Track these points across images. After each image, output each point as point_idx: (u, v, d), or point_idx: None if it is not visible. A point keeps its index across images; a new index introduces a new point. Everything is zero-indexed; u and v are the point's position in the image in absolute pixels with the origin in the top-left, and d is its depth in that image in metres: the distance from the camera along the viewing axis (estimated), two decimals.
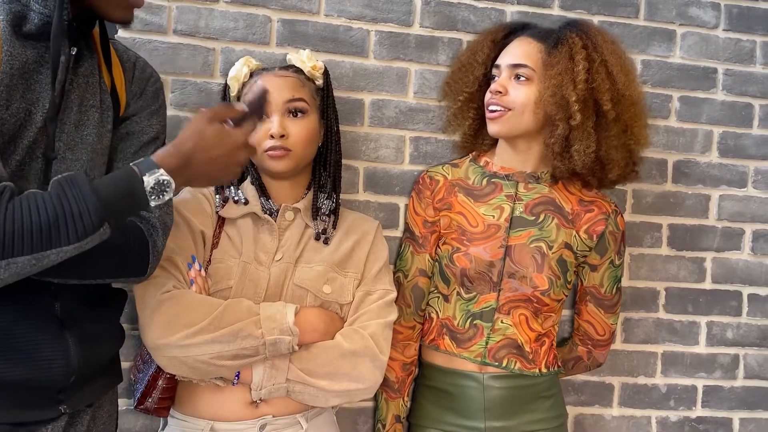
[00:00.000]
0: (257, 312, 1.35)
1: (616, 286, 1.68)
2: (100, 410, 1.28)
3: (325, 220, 1.51)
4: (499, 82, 1.56)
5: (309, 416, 1.46)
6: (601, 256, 1.63)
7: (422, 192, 1.66)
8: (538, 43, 1.55)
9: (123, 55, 1.29)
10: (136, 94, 1.28)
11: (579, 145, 1.51)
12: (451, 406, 1.60)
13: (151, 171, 1.05)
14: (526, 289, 1.56)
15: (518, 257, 1.57)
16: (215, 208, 1.49)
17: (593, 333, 1.70)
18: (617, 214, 1.63)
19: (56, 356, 1.13)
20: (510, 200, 1.60)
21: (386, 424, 1.66)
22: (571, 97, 1.49)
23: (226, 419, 1.40)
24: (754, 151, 1.93)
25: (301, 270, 1.45)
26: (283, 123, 1.44)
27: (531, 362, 1.59)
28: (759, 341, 1.95)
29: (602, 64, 1.51)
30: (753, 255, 1.94)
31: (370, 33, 1.73)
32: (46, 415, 1.15)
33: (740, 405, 1.95)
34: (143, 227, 1.20)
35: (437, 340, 1.62)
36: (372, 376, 1.41)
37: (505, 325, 1.58)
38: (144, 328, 1.33)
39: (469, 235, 1.59)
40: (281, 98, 1.45)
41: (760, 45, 1.92)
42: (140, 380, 1.47)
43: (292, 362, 1.38)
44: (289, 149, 1.44)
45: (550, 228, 1.58)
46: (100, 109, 1.20)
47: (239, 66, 1.53)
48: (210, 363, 1.31)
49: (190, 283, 1.38)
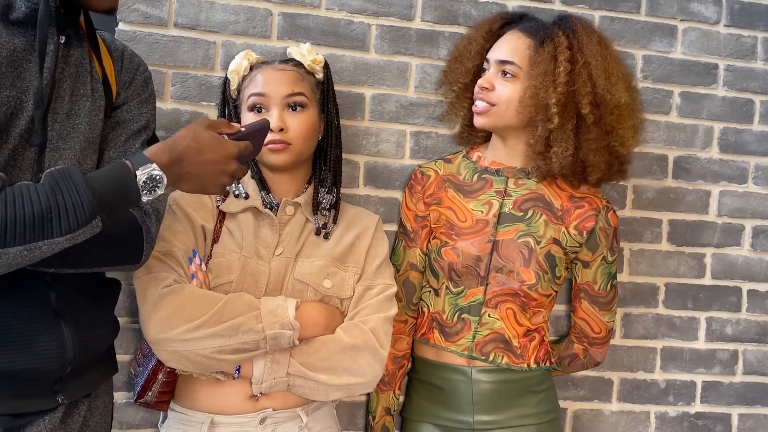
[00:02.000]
0: (258, 306, 1.35)
1: (611, 283, 1.67)
2: (96, 400, 1.28)
3: (325, 215, 1.51)
4: (486, 77, 1.56)
5: (309, 410, 1.46)
6: (592, 253, 1.62)
7: (414, 187, 1.67)
8: (527, 39, 1.54)
9: (111, 44, 1.29)
10: (126, 83, 1.29)
11: (557, 147, 1.52)
12: (441, 400, 1.61)
13: (143, 166, 1.05)
14: (513, 284, 1.56)
15: (505, 252, 1.57)
16: (216, 203, 1.49)
17: (589, 331, 1.69)
18: (608, 210, 1.62)
19: (52, 346, 1.13)
20: (499, 196, 1.60)
21: (376, 416, 1.67)
22: (551, 99, 1.48)
23: (227, 413, 1.40)
24: (755, 147, 1.93)
25: (301, 264, 1.45)
26: (283, 117, 1.44)
27: (519, 357, 1.59)
28: (758, 337, 1.95)
29: (585, 66, 1.50)
30: (753, 251, 1.94)
31: (371, 27, 1.73)
32: (44, 406, 1.15)
33: (739, 401, 1.95)
34: (136, 214, 1.20)
35: (427, 334, 1.63)
36: (372, 371, 1.41)
37: (492, 319, 1.58)
38: (145, 323, 1.33)
39: (457, 230, 1.59)
40: (281, 92, 1.45)
41: (762, 41, 1.92)
42: (140, 374, 1.47)
43: (293, 356, 1.38)
44: (288, 143, 1.44)
45: (538, 224, 1.58)
46: (91, 98, 1.19)
47: (239, 59, 1.53)
48: (211, 357, 1.32)
49: (191, 277, 1.38)
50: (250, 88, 1.48)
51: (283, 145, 1.44)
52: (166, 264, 1.36)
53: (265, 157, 1.46)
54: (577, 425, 1.87)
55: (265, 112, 1.45)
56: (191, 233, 1.43)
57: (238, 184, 1.50)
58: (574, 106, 1.51)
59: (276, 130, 1.42)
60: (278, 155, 1.45)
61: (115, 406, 1.59)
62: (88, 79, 1.20)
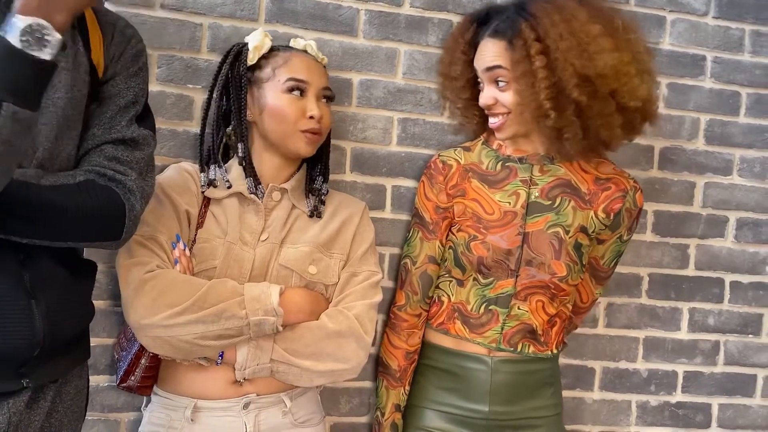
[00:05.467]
0: (241, 292, 1.35)
1: (615, 260, 1.67)
2: (66, 386, 1.24)
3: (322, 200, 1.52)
4: (484, 96, 1.55)
5: (293, 395, 1.46)
6: (612, 232, 1.61)
7: (434, 177, 1.63)
8: (499, 42, 1.50)
9: (102, 17, 1.24)
10: (115, 57, 1.24)
11: (568, 134, 1.49)
12: (455, 387, 1.59)
13: (9, 23, 0.97)
14: (543, 276, 1.54)
15: (536, 244, 1.55)
16: (201, 188, 1.47)
17: (578, 300, 1.69)
18: (636, 190, 1.60)
19: (21, 327, 1.10)
20: (525, 185, 1.58)
21: (386, 413, 1.64)
22: (540, 95, 1.45)
23: (210, 397, 1.40)
24: (741, 140, 1.94)
25: (286, 250, 1.45)
26: (320, 106, 1.47)
27: (543, 344, 1.59)
28: (740, 328, 1.97)
29: (557, 51, 1.43)
30: (736, 243, 1.95)
31: (360, 12, 1.71)
32: (7, 388, 1.12)
33: (719, 391, 1.97)
34: (118, 191, 1.16)
35: (447, 324, 1.61)
36: (356, 357, 1.42)
37: (521, 311, 1.56)
38: (127, 308, 1.32)
39: (485, 223, 1.57)
40: (320, 83, 1.48)
41: (749, 33, 1.92)
42: (123, 358, 1.46)
43: (277, 342, 1.37)
44: (321, 133, 1.48)
45: (567, 212, 1.56)
46: (72, 71, 1.15)
47: (261, 37, 1.49)
48: (194, 343, 1.31)
49: (174, 262, 1.37)
50: (287, 71, 1.45)
51: (319, 134, 1.47)
52: (149, 249, 1.35)
53: (298, 145, 1.46)
54: None
55: (302, 97, 1.45)
56: (175, 218, 1.41)
57: (221, 170, 1.48)
58: (566, 92, 1.44)
59: (317, 118, 1.44)
60: (311, 146, 1.47)
61: (98, 389, 1.59)
62: (71, 53, 1.15)
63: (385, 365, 1.64)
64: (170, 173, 1.48)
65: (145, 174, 1.22)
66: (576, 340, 1.87)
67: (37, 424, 1.17)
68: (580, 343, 1.88)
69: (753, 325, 1.97)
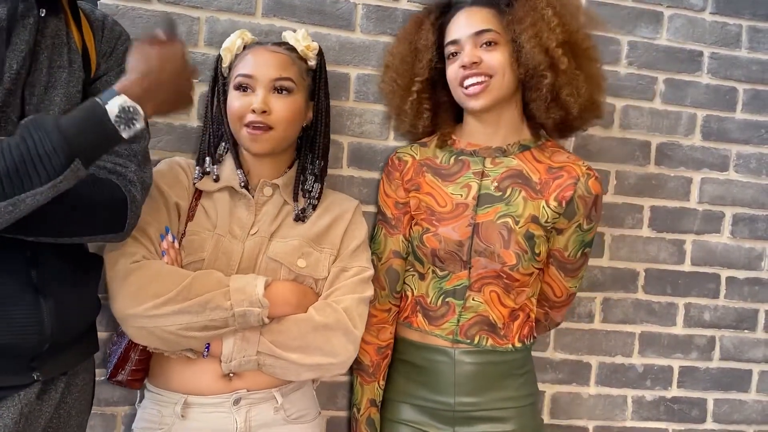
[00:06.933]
0: (227, 284, 1.35)
1: (582, 251, 1.62)
2: (75, 378, 1.27)
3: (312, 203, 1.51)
4: (469, 53, 1.51)
5: (285, 391, 1.45)
6: (568, 221, 1.58)
7: (392, 173, 1.65)
8: (488, 9, 1.53)
9: (90, 14, 1.27)
10: (106, 54, 1.26)
11: (569, 89, 1.51)
12: (423, 380, 1.60)
13: (113, 98, 1.04)
14: (494, 266, 1.54)
15: (485, 234, 1.55)
16: (192, 180, 1.47)
17: (551, 294, 1.67)
18: (589, 177, 1.57)
19: (30, 323, 1.12)
20: (477, 177, 1.58)
21: (361, 408, 1.65)
22: (552, 43, 1.47)
23: (200, 393, 1.40)
24: (737, 135, 1.94)
25: (275, 244, 1.45)
26: (267, 99, 1.42)
27: (503, 338, 1.58)
28: (735, 324, 1.97)
29: (562, 6, 1.52)
30: (732, 238, 1.96)
31: (358, 6, 1.71)
32: (19, 381, 1.15)
33: (715, 386, 1.97)
34: (120, 183, 1.18)
35: (411, 318, 1.62)
36: (345, 351, 1.41)
37: (476, 302, 1.57)
38: (112, 298, 1.33)
39: (438, 216, 1.58)
40: (268, 75, 1.43)
41: (746, 29, 1.93)
42: (114, 352, 1.47)
43: (263, 335, 1.37)
44: (270, 126, 1.42)
45: (517, 202, 1.56)
46: (68, 69, 1.17)
47: (234, 38, 1.50)
48: (178, 334, 1.31)
49: (162, 254, 1.37)
50: (239, 68, 1.46)
51: (265, 128, 1.41)
52: (137, 240, 1.35)
53: (245, 144, 1.45)
54: (555, 408, 1.89)
55: (251, 93, 1.43)
56: (164, 210, 1.41)
57: (213, 165, 1.49)
58: (570, 46, 1.51)
59: (258, 111, 1.40)
60: (258, 143, 1.42)
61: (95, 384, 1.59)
62: (65, 50, 1.18)
63: (357, 361, 1.64)
64: (162, 167, 1.48)
65: (143, 165, 1.25)
66: (572, 335, 1.88)
67: (47, 415, 1.20)
68: (576, 338, 1.89)
69: (748, 321, 1.98)
